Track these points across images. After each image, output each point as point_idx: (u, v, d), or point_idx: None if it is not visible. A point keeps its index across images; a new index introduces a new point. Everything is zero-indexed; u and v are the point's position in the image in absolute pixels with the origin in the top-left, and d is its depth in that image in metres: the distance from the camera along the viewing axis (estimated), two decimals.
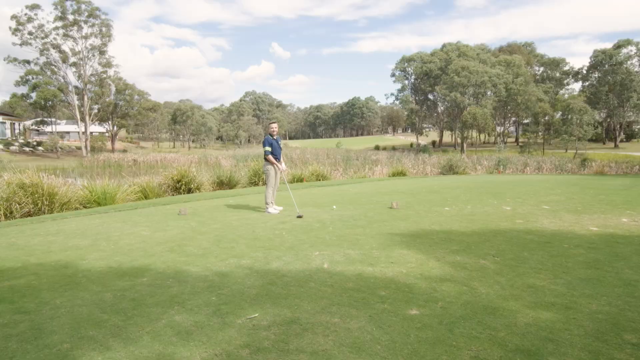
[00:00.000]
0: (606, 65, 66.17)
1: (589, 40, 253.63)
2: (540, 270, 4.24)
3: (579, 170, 29.22)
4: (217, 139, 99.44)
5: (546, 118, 60.74)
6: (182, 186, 12.65)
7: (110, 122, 64.47)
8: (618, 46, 65.65)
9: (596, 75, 69.36)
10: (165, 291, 3.69)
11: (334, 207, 8.04)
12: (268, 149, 7.67)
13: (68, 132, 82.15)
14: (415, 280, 3.95)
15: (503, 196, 9.65)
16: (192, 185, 12.79)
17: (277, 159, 7.79)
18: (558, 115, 60.84)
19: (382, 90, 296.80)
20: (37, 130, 65.46)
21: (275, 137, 7.82)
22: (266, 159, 7.77)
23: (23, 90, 54.04)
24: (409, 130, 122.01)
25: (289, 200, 8.13)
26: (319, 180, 15.52)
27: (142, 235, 5.95)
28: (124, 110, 64.25)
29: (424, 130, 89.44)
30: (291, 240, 5.54)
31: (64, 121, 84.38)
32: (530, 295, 3.57)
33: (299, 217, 7.11)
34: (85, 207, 10.81)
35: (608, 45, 68.76)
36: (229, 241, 5.52)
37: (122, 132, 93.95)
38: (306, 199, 9.65)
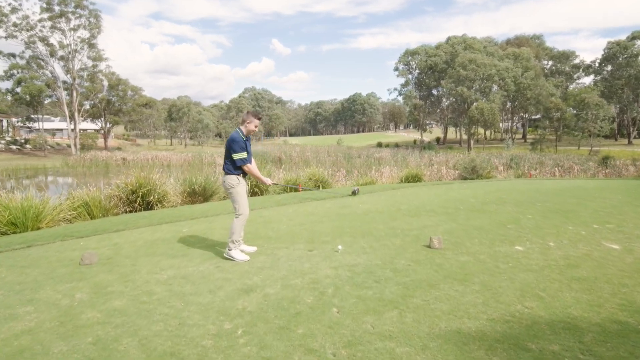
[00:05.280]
0: (620, 58, 62.94)
1: (589, 36, 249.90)
2: None
3: (610, 171, 26.16)
4: (215, 135, 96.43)
5: (558, 113, 57.51)
6: (137, 199, 9.57)
7: (103, 118, 61.58)
8: (633, 37, 62.39)
9: (609, 68, 66.14)
10: None
11: (339, 247, 5.02)
12: (243, 155, 4.62)
13: (61, 129, 79.40)
14: None
15: (578, 218, 6.66)
16: (151, 198, 9.71)
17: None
18: (568, 110, 57.57)
19: (382, 87, 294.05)
20: (29, 128, 62.44)
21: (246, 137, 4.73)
22: (242, 169, 4.70)
23: (7, 85, 51.29)
24: (411, 127, 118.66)
25: (270, 229, 5.09)
26: (318, 187, 12.52)
27: None
28: (117, 106, 61.48)
29: (427, 127, 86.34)
30: None
31: (58, 118, 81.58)
32: None
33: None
34: None
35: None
36: None
37: (120, 129, 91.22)
38: (297, 224, 6.63)
